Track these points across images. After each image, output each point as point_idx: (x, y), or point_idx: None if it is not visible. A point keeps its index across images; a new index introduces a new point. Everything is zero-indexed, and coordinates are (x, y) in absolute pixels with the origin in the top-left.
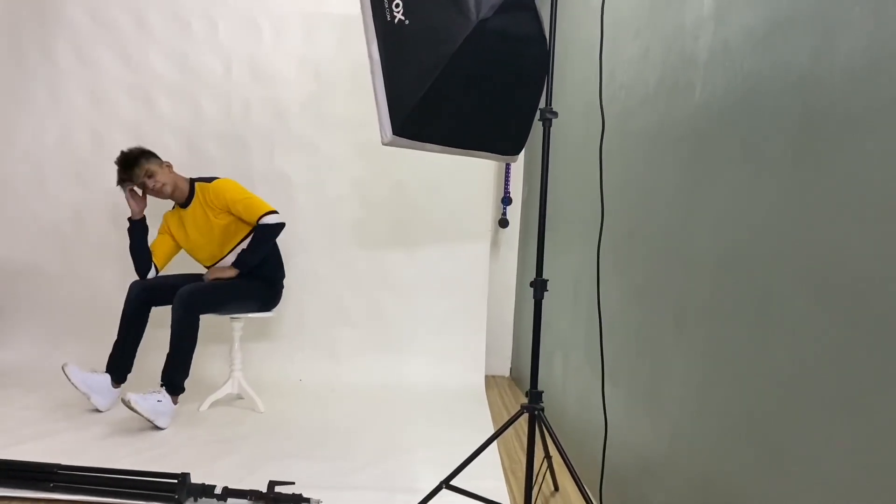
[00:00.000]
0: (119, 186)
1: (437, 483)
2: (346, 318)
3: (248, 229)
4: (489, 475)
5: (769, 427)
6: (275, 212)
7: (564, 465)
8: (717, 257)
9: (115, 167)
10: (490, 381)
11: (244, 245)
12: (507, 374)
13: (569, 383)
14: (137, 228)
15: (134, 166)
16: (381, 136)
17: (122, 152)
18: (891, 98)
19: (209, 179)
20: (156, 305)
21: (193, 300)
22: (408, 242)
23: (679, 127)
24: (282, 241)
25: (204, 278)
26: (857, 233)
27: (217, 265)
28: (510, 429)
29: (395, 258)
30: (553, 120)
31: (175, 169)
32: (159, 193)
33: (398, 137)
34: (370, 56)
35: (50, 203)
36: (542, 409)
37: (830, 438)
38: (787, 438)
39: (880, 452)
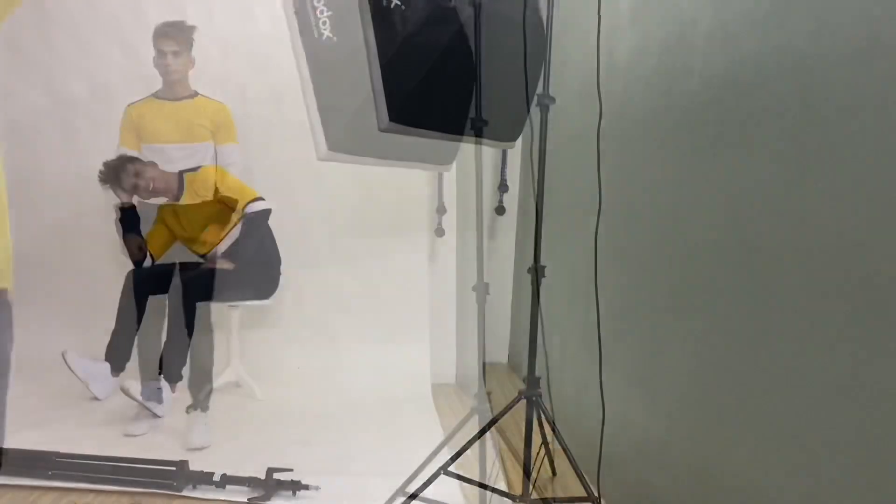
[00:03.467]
0: (104, 185)
1: (435, 469)
2: (344, 305)
3: (238, 215)
4: (487, 461)
5: (766, 412)
6: (260, 198)
7: (562, 451)
8: (714, 242)
9: (100, 179)
10: (488, 368)
11: (236, 231)
12: (506, 360)
13: (566, 369)
14: (128, 216)
15: (121, 171)
16: (378, 123)
17: (105, 163)
18: (890, 80)
19: (195, 169)
20: (153, 294)
21: (190, 288)
22: (406, 228)
23: (677, 111)
24: (278, 228)
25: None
26: (855, 217)
27: (211, 255)
28: (508, 415)
29: (395, 244)
30: (550, 106)
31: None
32: (153, 192)
33: (394, 123)
34: (366, 42)
35: (49, 193)
36: (540, 395)
37: (827, 423)
38: (784, 423)
39: (876, 437)
